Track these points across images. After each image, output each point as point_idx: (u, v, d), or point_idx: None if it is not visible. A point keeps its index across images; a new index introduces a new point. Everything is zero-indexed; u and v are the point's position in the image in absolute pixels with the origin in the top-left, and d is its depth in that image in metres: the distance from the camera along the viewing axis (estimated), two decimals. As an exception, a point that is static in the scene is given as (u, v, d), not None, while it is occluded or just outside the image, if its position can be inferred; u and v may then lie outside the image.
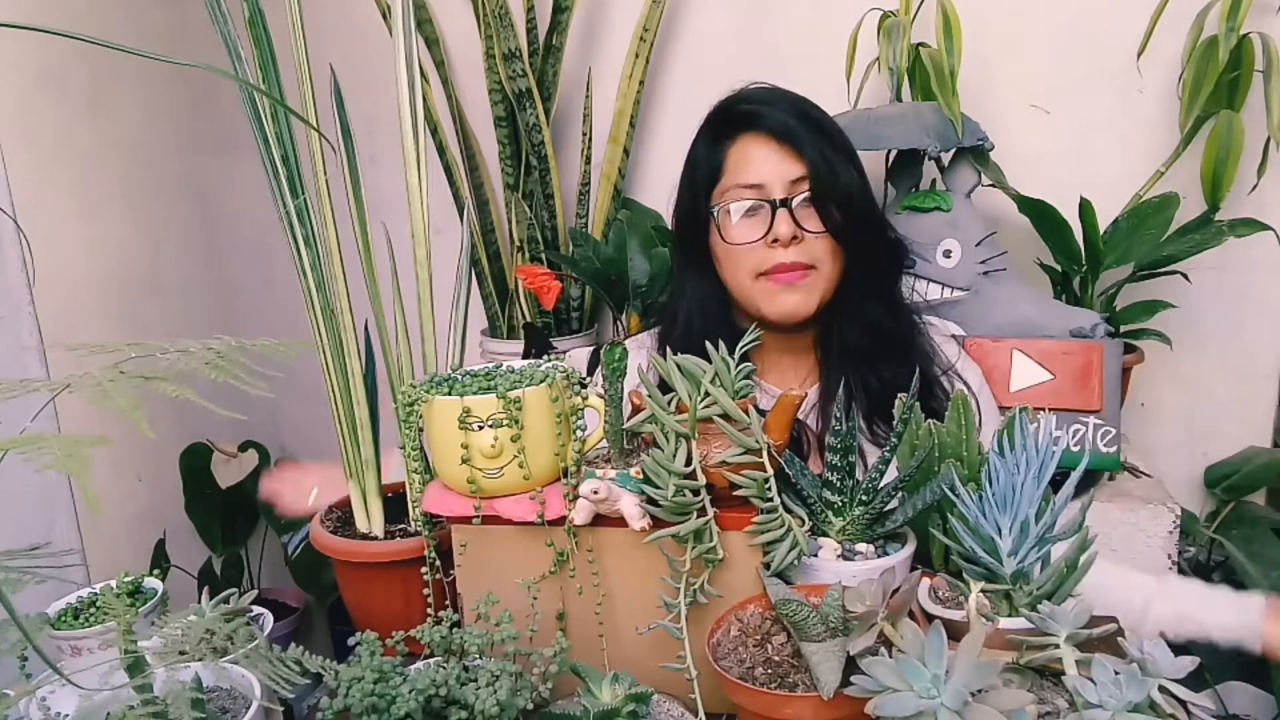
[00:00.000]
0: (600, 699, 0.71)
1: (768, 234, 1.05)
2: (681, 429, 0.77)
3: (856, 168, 1.09)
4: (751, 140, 1.07)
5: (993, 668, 0.58)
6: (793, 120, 1.06)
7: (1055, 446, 0.73)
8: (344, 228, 0.98)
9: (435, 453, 0.85)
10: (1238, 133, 1.34)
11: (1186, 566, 1.51)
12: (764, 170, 1.05)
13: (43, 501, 1.58)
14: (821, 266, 1.06)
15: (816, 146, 1.05)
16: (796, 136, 1.05)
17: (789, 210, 1.04)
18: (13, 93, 1.57)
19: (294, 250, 0.96)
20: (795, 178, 1.05)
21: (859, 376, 1.09)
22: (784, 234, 1.04)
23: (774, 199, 1.05)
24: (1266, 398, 1.58)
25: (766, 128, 1.06)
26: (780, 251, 1.05)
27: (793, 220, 1.04)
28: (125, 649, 0.64)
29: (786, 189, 1.05)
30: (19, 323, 1.56)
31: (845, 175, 1.05)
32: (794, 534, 0.78)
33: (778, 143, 1.06)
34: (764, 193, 1.05)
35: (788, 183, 1.05)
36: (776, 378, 1.16)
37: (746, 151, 1.07)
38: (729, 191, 1.07)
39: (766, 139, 1.06)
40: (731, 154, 1.08)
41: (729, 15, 1.71)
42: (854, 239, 1.07)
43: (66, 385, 0.56)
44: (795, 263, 1.04)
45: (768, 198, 1.05)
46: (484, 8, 1.60)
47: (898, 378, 1.07)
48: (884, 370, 1.09)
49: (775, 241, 1.04)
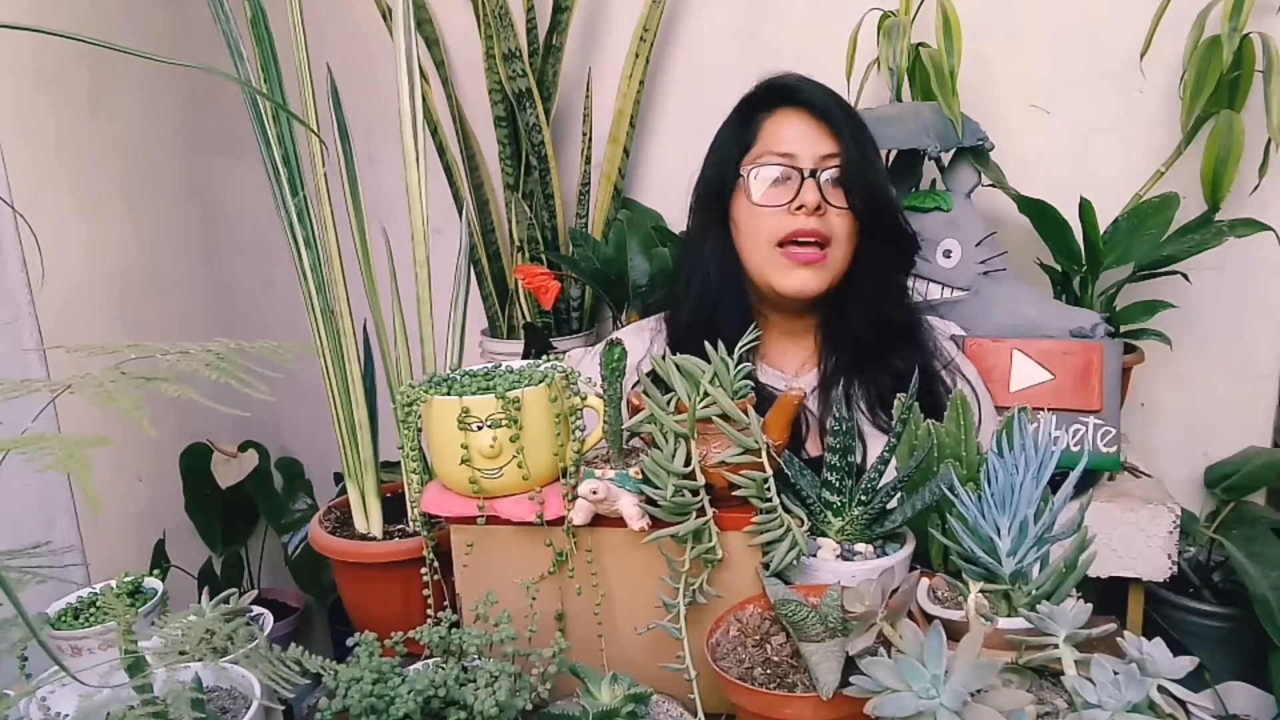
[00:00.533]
0: (599, 699, 0.71)
1: (793, 199, 1.08)
2: (680, 429, 0.77)
3: (880, 157, 1.14)
4: (788, 113, 1.11)
5: (992, 668, 0.58)
6: (828, 100, 1.11)
7: (1055, 446, 0.73)
8: (344, 229, 0.98)
9: (434, 453, 0.85)
10: (1238, 133, 1.34)
11: (1186, 567, 1.52)
12: (797, 141, 1.09)
13: (43, 501, 1.58)
14: (837, 244, 1.09)
15: (849, 127, 1.09)
16: (832, 114, 1.10)
17: (816, 181, 1.08)
18: (13, 93, 1.57)
19: (294, 252, 0.96)
20: (826, 153, 1.09)
21: (860, 363, 1.11)
22: (810, 201, 1.07)
23: (804, 168, 1.08)
24: (1266, 398, 1.58)
25: (804, 101, 1.11)
26: (802, 219, 1.07)
27: (819, 191, 1.08)
28: (125, 649, 0.64)
29: (816, 162, 1.09)
30: (19, 323, 1.56)
31: (873, 159, 1.10)
32: (793, 534, 0.78)
33: (813, 117, 1.10)
34: (795, 161, 1.09)
35: (818, 156, 1.09)
36: (779, 359, 1.18)
37: (781, 123, 1.11)
38: (761, 157, 1.11)
39: (803, 113, 1.11)
40: (767, 125, 1.12)
41: (729, 15, 1.71)
42: (872, 224, 1.10)
43: (68, 386, 0.56)
44: (814, 230, 1.07)
45: (798, 165, 1.09)
46: (484, 8, 1.60)
47: (899, 365, 1.09)
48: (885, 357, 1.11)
49: (800, 209, 1.07)
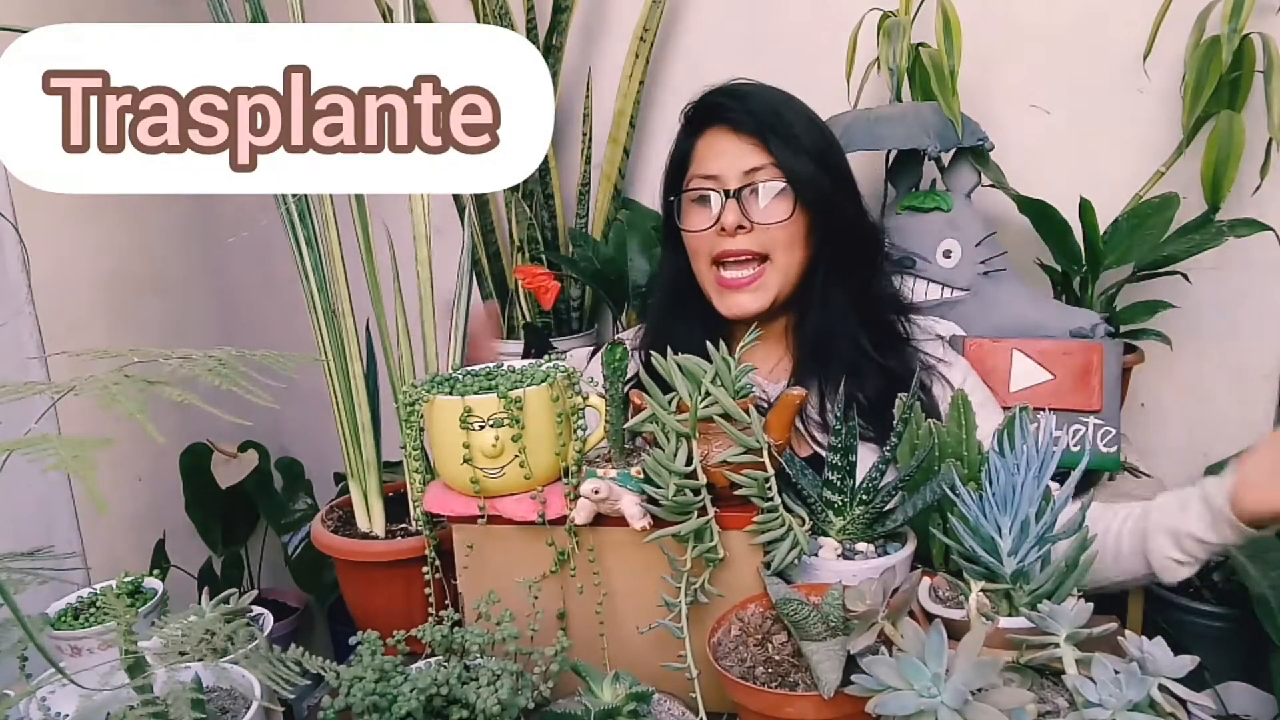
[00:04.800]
0: (601, 698, 0.71)
1: (716, 222, 1.08)
2: (682, 428, 0.77)
3: (826, 161, 1.10)
4: (715, 133, 1.11)
5: (993, 667, 0.58)
6: (756, 112, 1.09)
7: (1055, 446, 0.73)
8: (345, 228, 0.98)
9: (436, 452, 0.85)
10: (1238, 133, 1.34)
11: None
12: (721, 161, 1.09)
13: (43, 501, 1.58)
14: (776, 258, 1.08)
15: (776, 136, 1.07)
16: (756, 127, 1.07)
17: (738, 200, 1.07)
18: (13, 93, 1.57)
19: (295, 251, 0.96)
20: (751, 167, 1.07)
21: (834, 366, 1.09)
22: (729, 223, 1.06)
23: (725, 189, 1.08)
24: (1266, 398, 1.58)
25: (727, 120, 1.09)
26: (729, 240, 1.07)
27: (740, 211, 1.07)
28: (125, 649, 0.64)
29: (741, 179, 1.08)
30: (19, 324, 1.56)
31: (803, 165, 1.07)
32: (794, 533, 0.78)
33: (736, 134, 1.09)
34: (719, 183, 1.09)
35: (741, 173, 1.07)
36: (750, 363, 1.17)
37: (709, 144, 1.11)
38: (690, 181, 1.12)
39: (727, 131, 1.09)
40: (698, 146, 1.12)
41: (729, 15, 1.71)
42: (820, 222, 1.09)
43: (72, 388, 0.56)
44: (743, 250, 1.07)
45: (721, 187, 1.08)
46: (484, 8, 1.60)
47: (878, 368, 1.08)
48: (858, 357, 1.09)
49: (723, 230, 1.07)
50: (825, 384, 1.08)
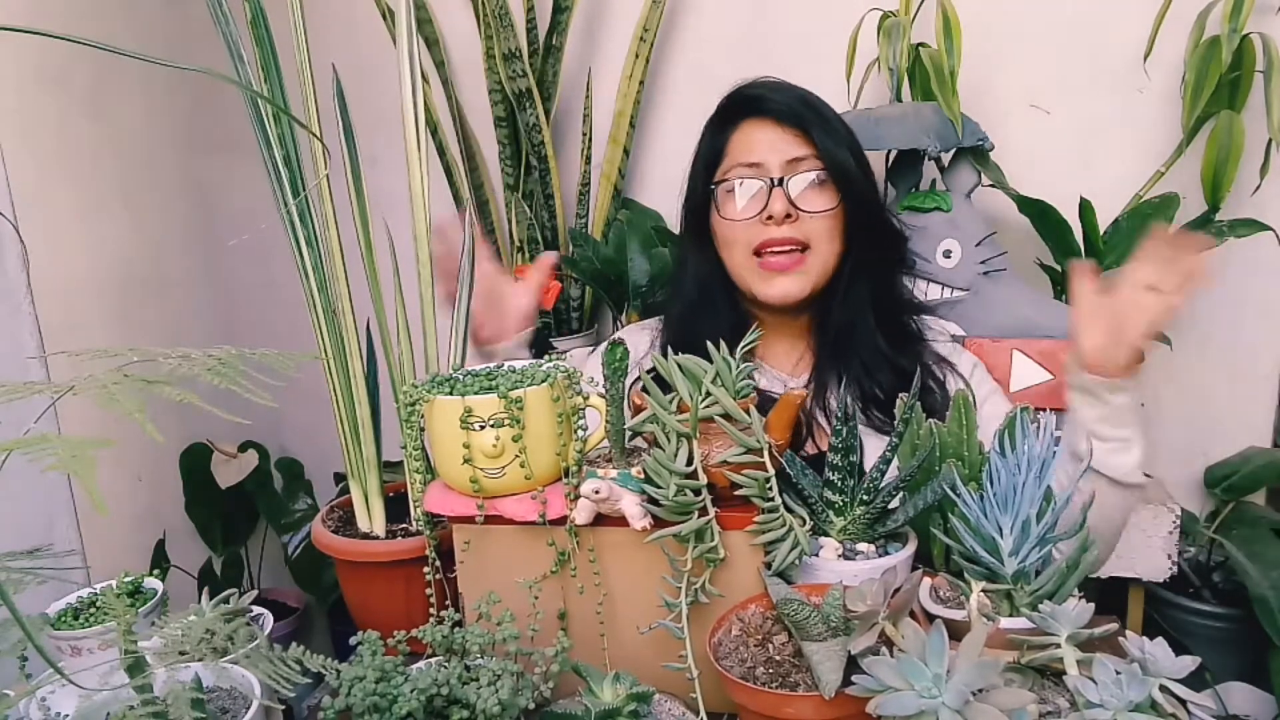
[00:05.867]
0: (601, 698, 0.71)
1: (763, 210, 1.09)
2: (683, 429, 0.77)
3: (859, 156, 1.12)
4: (754, 124, 1.12)
5: (994, 667, 0.58)
6: (795, 104, 1.11)
7: (1056, 446, 0.73)
8: (345, 228, 0.98)
9: (437, 452, 0.85)
10: (1238, 133, 1.34)
11: (1186, 567, 1.52)
12: (764, 150, 1.10)
13: (43, 501, 1.58)
14: (816, 247, 1.10)
15: (816, 125, 1.09)
16: (798, 118, 1.10)
17: (784, 189, 1.08)
18: (13, 92, 1.57)
19: (295, 251, 0.96)
20: (793, 158, 1.09)
21: (853, 361, 1.11)
22: (778, 211, 1.08)
23: (771, 177, 1.09)
24: (1266, 398, 1.58)
25: (769, 110, 1.11)
26: (774, 228, 1.08)
27: (787, 199, 1.08)
28: (125, 649, 0.64)
29: (784, 169, 1.09)
30: (19, 324, 1.56)
31: (844, 157, 1.09)
32: (795, 533, 0.78)
33: (778, 125, 1.10)
34: (762, 171, 1.10)
35: (785, 163, 1.09)
36: (773, 359, 1.19)
37: (749, 134, 1.12)
38: (730, 171, 1.12)
39: (768, 122, 1.11)
40: (735, 137, 1.13)
41: (729, 15, 1.71)
42: (855, 216, 1.10)
43: (71, 388, 0.56)
44: (787, 238, 1.08)
45: (766, 175, 1.09)
46: (484, 8, 1.60)
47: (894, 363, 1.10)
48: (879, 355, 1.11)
49: (770, 219, 1.08)
50: (845, 379, 1.09)
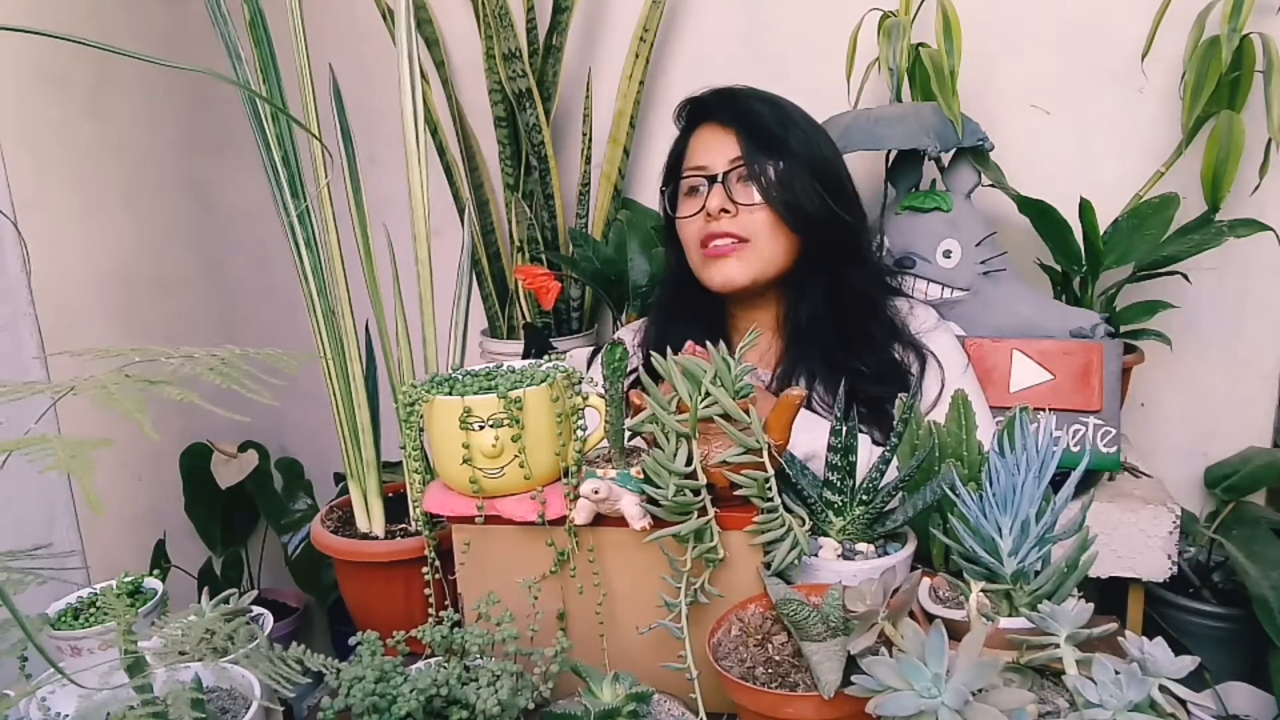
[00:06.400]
0: (601, 698, 0.71)
1: (703, 208, 1.14)
2: (682, 429, 0.77)
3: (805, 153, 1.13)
4: (705, 128, 1.18)
5: (993, 667, 0.58)
6: (739, 107, 1.15)
7: (1055, 446, 0.73)
8: (344, 229, 0.98)
9: (436, 453, 0.85)
10: (1238, 133, 1.34)
11: (1186, 567, 1.52)
12: (709, 152, 1.15)
13: (43, 502, 1.58)
14: (757, 240, 1.13)
15: (752, 126, 1.13)
16: (737, 119, 1.14)
17: (723, 185, 1.13)
18: (13, 92, 1.57)
19: (295, 253, 0.96)
20: (733, 157, 1.13)
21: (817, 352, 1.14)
22: (713, 206, 1.12)
23: (711, 175, 1.14)
24: (1266, 398, 1.58)
25: (714, 115, 1.17)
26: (713, 223, 1.13)
27: (725, 194, 1.12)
28: (125, 649, 0.64)
29: (725, 166, 1.13)
30: (19, 324, 1.56)
31: (778, 152, 1.12)
32: (794, 534, 0.78)
33: (721, 127, 1.15)
34: (705, 170, 1.15)
35: (726, 161, 1.13)
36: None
37: (700, 138, 1.18)
38: (686, 173, 1.18)
39: (715, 126, 1.16)
40: (691, 142, 1.19)
41: (729, 15, 1.71)
42: (789, 216, 1.12)
43: (71, 388, 0.56)
44: (726, 232, 1.12)
45: (709, 174, 1.14)
46: (484, 8, 1.60)
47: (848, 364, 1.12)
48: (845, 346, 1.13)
49: (709, 215, 1.13)
50: (810, 371, 1.14)
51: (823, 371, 1.13)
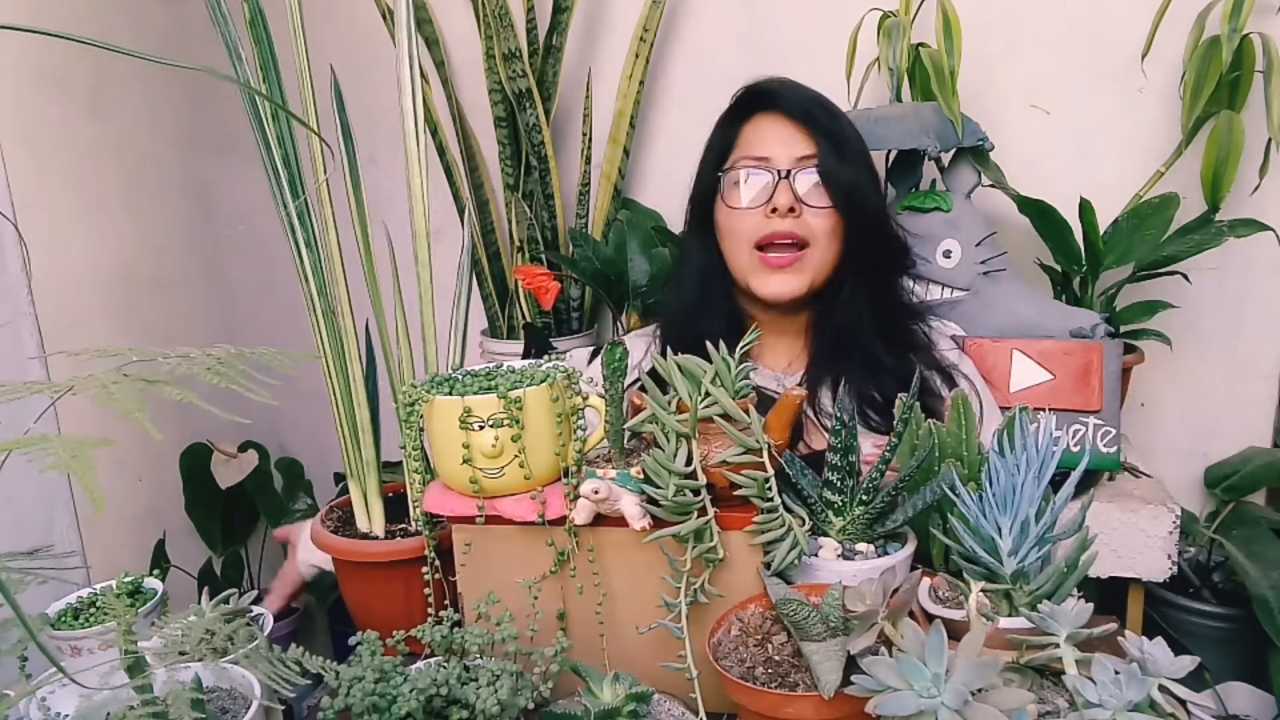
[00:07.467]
0: (601, 698, 0.71)
1: (768, 202, 1.09)
2: (682, 429, 0.77)
3: (865, 159, 1.13)
4: (765, 118, 1.13)
5: (993, 667, 0.58)
6: (807, 103, 1.12)
7: (1055, 446, 0.73)
8: (345, 229, 0.98)
9: (436, 452, 0.85)
10: (1238, 133, 1.34)
11: (1186, 567, 1.52)
12: (773, 145, 1.11)
13: (43, 501, 1.58)
14: (816, 244, 1.10)
15: (827, 128, 1.10)
16: (810, 116, 1.11)
17: (790, 182, 1.09)
18: (13, 92, 1.57)
19: (295, 253, 0.96)
20: (802, 154, 1.10)
21: (847, 361, 1.12)
22: (782, 203, 1.08)
23: (780, 169, 1.10)
24: (1266, 398, 1.58)
25: (781, 106, 1.12)
26: (777, 221, 1.09)
27: (793, 193, 1.08)
28: (125, 649, 0.64)
29: (792, 163, 1.10)
30: (19, 324, 1.56)
31: (853, 159, 1.10)
32: (794, 534, 0.78)
33: (789, 120, 1.11)
34: (771, 164, 1.11)
35: (794, 158, 1.10)
36: (768, 357, 1.19)
37: (759, 128, 1.13)
38: (739, 162, 1.13)
39: (779, 117, 1.12)
40: (746, 130, 1.14)
41: (729, 15, 1.71)
42: (855, 223, 1.11)
43: (70, 388, 0.56)
44: (789, 232, 1.09)
45: (774, 168, 1.10)
46: (484, 8, 1.60)
47: (889, 364, 1.10)
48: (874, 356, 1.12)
49: (774, 211, 1.09)
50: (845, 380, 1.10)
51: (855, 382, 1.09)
